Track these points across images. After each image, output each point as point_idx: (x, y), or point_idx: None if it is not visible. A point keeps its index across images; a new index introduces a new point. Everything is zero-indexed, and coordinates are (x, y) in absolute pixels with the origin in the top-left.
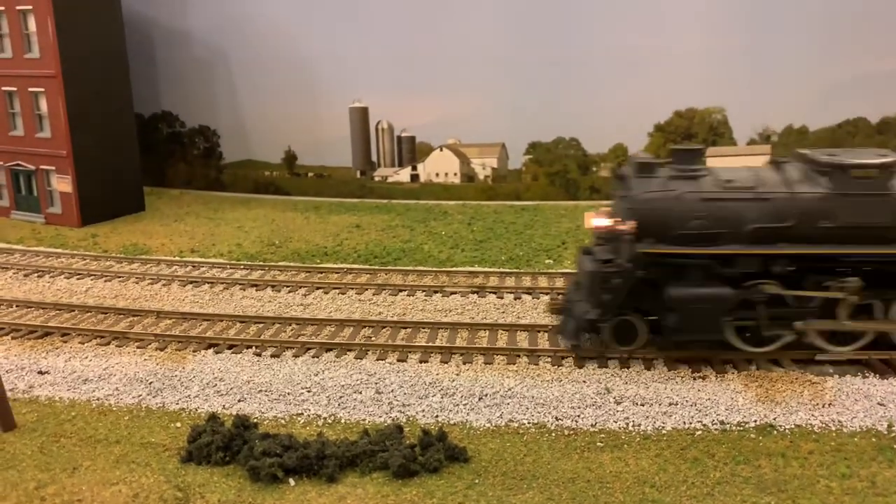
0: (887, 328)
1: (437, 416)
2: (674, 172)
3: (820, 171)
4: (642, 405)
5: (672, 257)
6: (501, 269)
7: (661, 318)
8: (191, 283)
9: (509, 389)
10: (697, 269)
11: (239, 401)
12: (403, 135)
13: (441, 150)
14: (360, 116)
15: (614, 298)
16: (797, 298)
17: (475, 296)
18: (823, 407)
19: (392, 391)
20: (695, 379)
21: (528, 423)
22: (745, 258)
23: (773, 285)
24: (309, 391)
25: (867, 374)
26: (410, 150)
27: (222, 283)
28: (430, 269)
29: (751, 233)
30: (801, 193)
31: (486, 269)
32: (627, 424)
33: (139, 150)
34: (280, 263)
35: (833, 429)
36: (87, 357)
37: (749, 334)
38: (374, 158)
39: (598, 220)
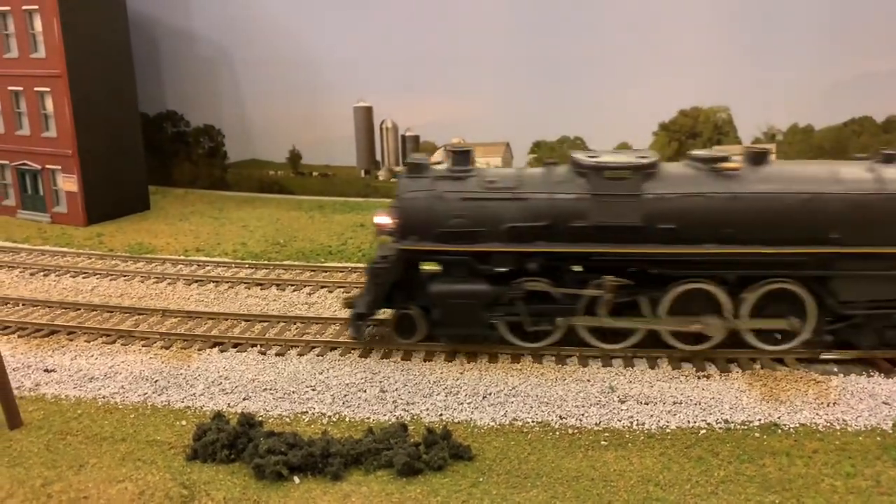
0: (651, 325)
1: (441, 415)
2: (442, 173)
3: (579, 173)
4: (646, 404)
5: (435, 254)
6: None
7: (432, 312)
8: (196, 281)
9: (513, 388)
10: (460, 266)
11: (244, 399)
12: (407, 134)
13: (445, 149)
14: (365, 116)
15: (379, 293)
16: (564, 295)
17: None
18: (828, 406)
19: (396, 389)
20: (699, 378)
21: (533, 421)
22: (501, 256)
23: (542, 283)
24: (313, 389)
25: (872, 373)
26: (415, 149)
27: (227, 282)
28: None
29: (507, 231)
30: (557, 194)
31: None
32: (632, 423)
33: (144, 150)
34: (284, 262)
35: (838, 428)
36: (92, 355)
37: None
38: (378, 157)
39: (379, 217)
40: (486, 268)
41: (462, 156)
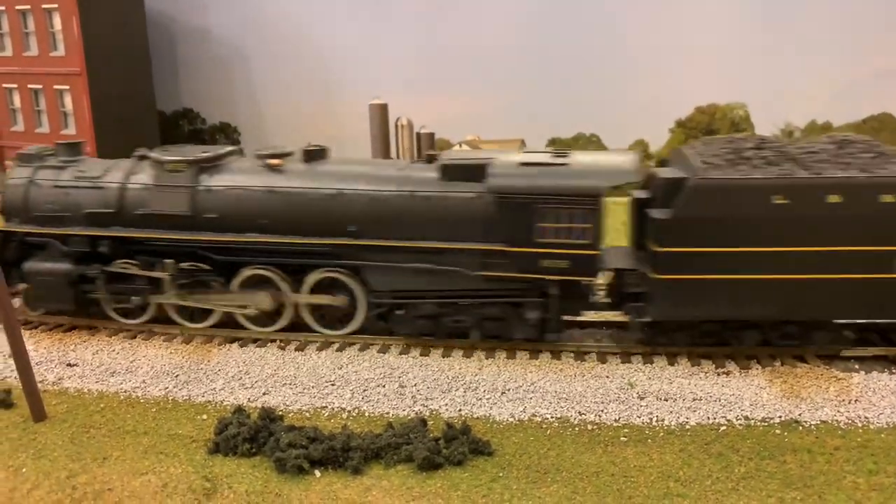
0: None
1: (460, 410)
2: (48, 163)
3: (152, 165)
4: (666, 400)
5: (28, 236)
6: None
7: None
8: None
9: (532, 384)
10: (50, 247)
11: (264, 394)
12: (423, 131)
13: (460, 146)
14: (380, 113)
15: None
16: (144, 276)
17: None
18: (849, 403)
19: (415, 385)
20: (719, 374)
21: (552, 417)
22: (78, 238)
23: (130, 265)
24: (333, 384)
25: (894, 371)
26: (430, 147)
27: None
28: None
29: (86, 217)
30: (127, 184)
31: None
32: (651, 419)
33: None
34: None
35: (859, 425)
36: (114, 350)
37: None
38: (393, 155)
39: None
40: (68, 249)
41: (70, 148)
